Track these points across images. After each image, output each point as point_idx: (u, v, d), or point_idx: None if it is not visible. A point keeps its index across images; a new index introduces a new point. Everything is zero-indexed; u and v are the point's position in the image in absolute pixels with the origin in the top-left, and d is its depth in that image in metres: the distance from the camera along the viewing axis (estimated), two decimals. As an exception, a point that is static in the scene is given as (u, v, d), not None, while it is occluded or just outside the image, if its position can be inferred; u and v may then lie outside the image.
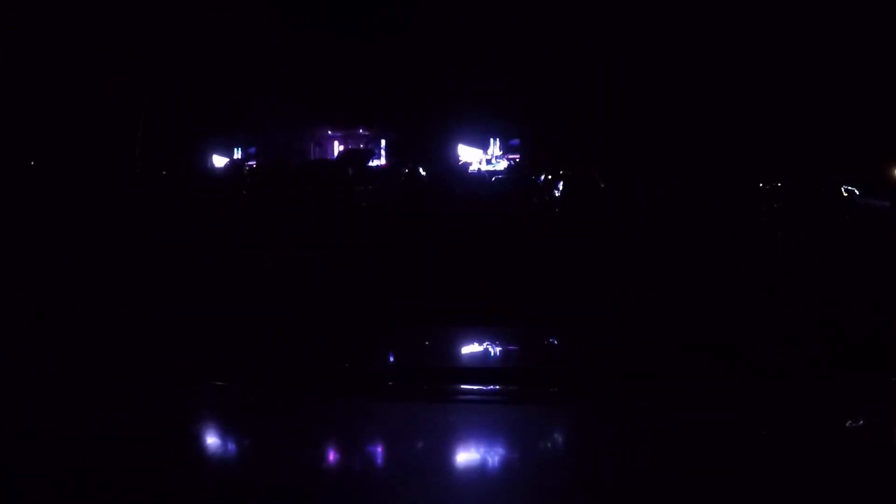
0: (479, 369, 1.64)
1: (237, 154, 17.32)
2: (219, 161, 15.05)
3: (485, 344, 1.90)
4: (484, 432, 1.11)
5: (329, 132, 17.94)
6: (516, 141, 17.38)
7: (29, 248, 3.27)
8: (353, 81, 15.29)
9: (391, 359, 1.82)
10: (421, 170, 7.53)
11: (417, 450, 1.08)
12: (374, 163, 13.46)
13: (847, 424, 1.25)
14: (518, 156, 16.86)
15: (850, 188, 5.76)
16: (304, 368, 1.57)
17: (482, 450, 1.06)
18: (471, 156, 17.26)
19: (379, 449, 1.10)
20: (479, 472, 0.99)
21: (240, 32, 13.06)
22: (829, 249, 3.39)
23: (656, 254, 3.43)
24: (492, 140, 17.60)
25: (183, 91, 11.46)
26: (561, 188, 5.47)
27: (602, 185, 5.30)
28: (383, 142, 17.72)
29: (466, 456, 1.04)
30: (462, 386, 1.34)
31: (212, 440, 1.15)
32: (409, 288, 3.15)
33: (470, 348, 1.89)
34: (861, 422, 1.24)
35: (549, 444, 1.12)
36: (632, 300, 3.02)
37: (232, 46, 13.06)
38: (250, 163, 14.73)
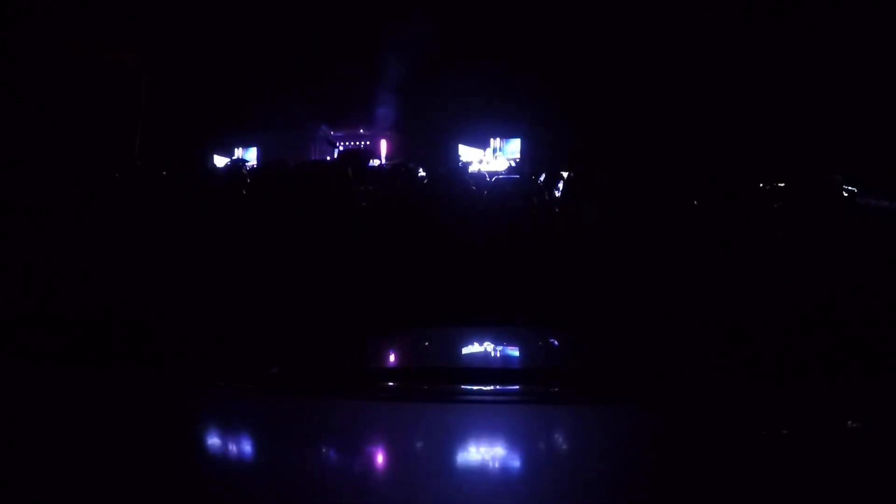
0: (479, 369, 1.64)
1: (238, 153, 17.33)
2: (219, 161, 15.06)
3: (485, 344, 1.90)
4: (484, 432, 1.11)
5: (332, 132, 17.96)
6: (516, 140, 17.39)
7: (28, 246, 3.27)
8: (353, 81, 15.30)
9: (391, 359, 1.82)
10: (421, 170, 7.50)
11: (417, 450, 1.08)
12: (374, 162, 13.46)
13: (847, 425, 1.25)
14: (518, 156, 16.86)
15: (850, 188, 5.74)
16: (304, 368, 1.57)
17: (482, 450, 1.06)
18: (471, 155, 17.26)
19: (379, 449, 1.10)
20: (479, 473, 0.99)
21: (240, 31, 13.07)
22: (829, 249, 3.38)
23: (656, 254, 3.42)
24: (492, 140, 17.60)
25: (183, 90, 11.47)
26: (561, 188, 5.45)
27: (601, 185, 5.29)
28: (384, 142, 17.73)
29: (466, 456, 1.04)
30: (462, 386, 1.33)
31: (212, 440, 1.15)
32: (408, 288, 3.14)
33: (470, 348, 1.89)
34: (861, 422, 1.24)
35: (549, 444, 1.12)
36: (631, 300, 3.01)
37: (232, 45, 13.07)
38: (249, 163, 14.73)
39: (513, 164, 14.04)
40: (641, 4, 13.22)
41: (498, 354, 1.83)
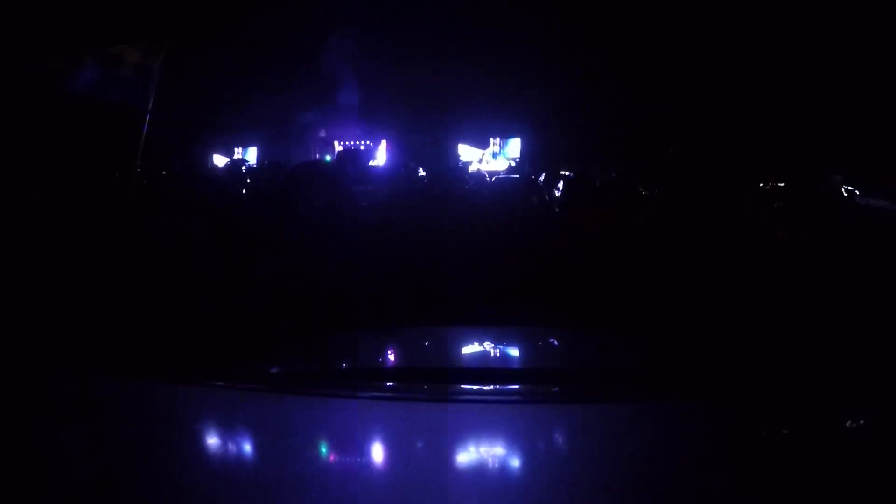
0: (479, 369, 1.64)
1: (237, 153, 17.32)
2: (219, 161, 15.05)
3: (485, 344, 1.90)
4: (484, 432, 1.11)
5: (326, 132, 17.95)
6: (516, 140, 17.41)
7: (28, 246, 3.26)
8: (354, 80, 15.31)
9: (390, 358, 1.82)
10: (421, 170, 7.50)
11: (417, 450, 1.08)
12: (374, 162, 13.47)
13: (847, 425, 1.24)
14: (518, 155, 16.88)
15: (850, 188, 5.73)
16: (303, 368, 1.58)
17: (482, 450, 1.06)
18: (471, 155, 17.28)
19: (378, 449, 1.10)
20: (478, 473, 0.99)
21: (241, 30, 13.06)
22: (829, 249, 3.38)
23: (655, 254, 3.42)
24: (491, 139, 17.61)
25: (183, 90, 11.47)
26: (561, 188, 5.45)
27: (601, 185, 5.29)
28: (383, 142, 17.72)
29: (466, 456, 1.04)
30: (462, 386, 1.33)
31: (212, 440, 1.15)
32: (408, 288, 3.14)
33: (470, 348, 1.89)
34: (861, 422, 1.24)
35: (549, 444, 1.12)
36: (631, 301, 3.01)
37: (233, 44, 13.07)
38: (249, 163, 14.71)
39: (513, 164, 14.03)
40: (640, 6, 13.22)
41: (498, 354, 1.83)
